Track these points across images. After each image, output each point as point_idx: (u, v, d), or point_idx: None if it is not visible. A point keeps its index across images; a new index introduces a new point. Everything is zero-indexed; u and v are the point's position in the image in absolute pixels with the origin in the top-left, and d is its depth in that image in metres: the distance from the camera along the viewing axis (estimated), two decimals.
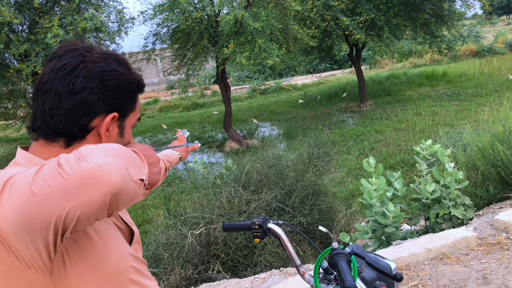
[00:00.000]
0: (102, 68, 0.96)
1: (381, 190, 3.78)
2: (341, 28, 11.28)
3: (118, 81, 0.98)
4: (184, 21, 9.09)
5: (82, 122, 0.95)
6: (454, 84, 14.68)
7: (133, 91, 1.03)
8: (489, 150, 4.64)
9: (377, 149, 8.92)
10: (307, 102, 15.01)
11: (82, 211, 0.74)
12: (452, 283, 2.96)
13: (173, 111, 17.73)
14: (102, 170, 0.74)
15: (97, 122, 0.97)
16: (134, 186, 0.81)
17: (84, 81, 0.93)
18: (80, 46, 0.98)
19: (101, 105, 0.96)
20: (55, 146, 0.96)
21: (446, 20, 11.95)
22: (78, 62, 0.94)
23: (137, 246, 1.12)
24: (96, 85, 0.94)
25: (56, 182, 0.72)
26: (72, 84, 0.93)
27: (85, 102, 0.94)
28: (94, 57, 0.97)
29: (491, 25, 37.45)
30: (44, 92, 0.94)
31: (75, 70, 0.93)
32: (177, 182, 8.62)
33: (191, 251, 3.95)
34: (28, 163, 0.95)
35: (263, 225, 1.51)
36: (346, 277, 1.12)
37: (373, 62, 23.04)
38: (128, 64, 1.03)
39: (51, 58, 0.97)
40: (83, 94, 0.93)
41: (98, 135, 0.98)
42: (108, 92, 0.96)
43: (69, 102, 0.93)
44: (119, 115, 1.00)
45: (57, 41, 7.40)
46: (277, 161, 4.75)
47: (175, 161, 1.72)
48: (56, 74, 0.93)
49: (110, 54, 1.00)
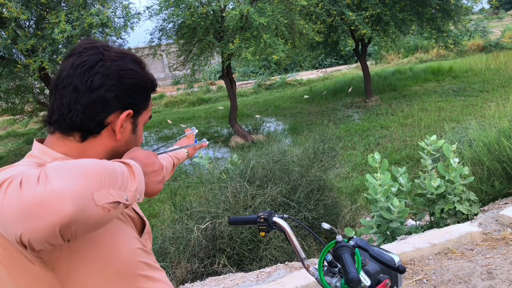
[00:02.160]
0: (119, 66, 0.99)
1: (386, 185, 3.79)
2: (347, 23, 11.24)
3: (134, 80, 1.01)
4: (189, 16, 9.10)
5: (98, 117, 0.97)
6: (460, 80, 14.59)
7: (147, 90, 1.06)
8: (495, 146, 4.63)
9: (383, 144, 8.91)
10: (312, 97, 14.99)
11: (31, 237, 0.72)
12: (457, 278, 2.98)
13: (179, 106, 17.76)
14: (54, 198, 0.71)
15: (112, 118, 1.00)
16: (99, 212, 0.76)
17: (102, 78, 0.96)
18: (99, 44, 1.01)
19: (117, 102, 0.99)
20: (71, 140, 0.99)
21: (453, 15, 11.87)
22: (97, 59, 0.97)
23: (147, 238, 1.14)
24: (113, 82, 0.97)
25: (12, 203, 0.72)
26: (90, 81, 0.95)
27: (102, 99, 0.96)
28: (112, 55, 0.99)
29: (498, 19, 37.10)
30: (62, 87, 0.96)
31: (94, 67, 0.96)
32: (183, 177, 8.66)
33: (197, 245, 3.99)
34: (43, 155, 0.97)
35: (268, 218, 1.52)
36: (350, 269, 1.14)
37: (379, 57, 22.92)
38: (143, 64, 1.06)
39: (70, 55, 0.99)
40: (100, 91, 0.96)
41: (112, 130, 1.01)
42: (124, 90, 0.99)
43: (87, 98, 0.95)
44: (133, 113, 1.03)
45: (64, 36, 7.43)
46: (282, 156, 4.76)
47: (183, 157, 1.74)
48: (75, 70, 0.96)
49: (127, 54, 1.03)
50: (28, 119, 12.39)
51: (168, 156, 1.62)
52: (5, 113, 12.00)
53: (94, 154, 1.00)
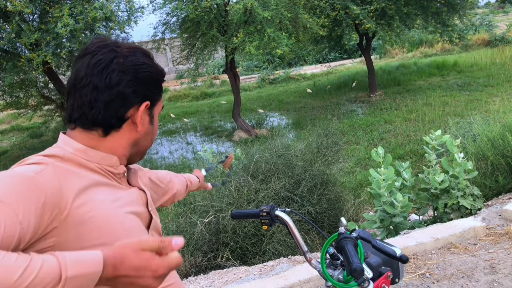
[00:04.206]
0: (133, 62, 1.03)
1: (390, 180, 3.79)
2: (351, 17, 11.18)
3: (148, 73, 1.06)
4: (193, 10, 9.07)
5: (119, 113, 1.03)
6: (465, 74, 14.50)
7: (160, 81, 1.11)
8: (499, 141, 4.61)
9: (386, 139, 8.90)
10: (316, 92, 14.96)
11: None
12: (460, 272, 2.98)
13: (182, 100, 17.76)
14: None
15: (132, 112, 1.05)
16: None
17: (119, 75, 1.01)
18: (109, 42, 1.05)
19: (136, 96, 1.04)
20: (94, 134, 1.03)
21: (458, 9, 11.78)
22: (112, 57, 1.01)
23: (153, 233, 1.15)
24: (130, 78, 1.02)
25: None
26: (109, 79, 1.00)
27: (122, 94, 1.02)
28: (125, 51, 1.04)
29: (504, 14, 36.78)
30: (81, 87, 1.00)
31: (110, 65, 1.00)
32: (186, 171, 8.66)
33: (201, 239, 4.01)
34: (66, 146, 1.02)
35: (271, 212, 1.53)
36: (353, 259, 1.15)
37: (383, 51, 22.80)
38: (152, 56, 1.11)
39: (83, 55, 1.03)
40: (119, 87, 1.01)
41: (132, 123, 1.06)
42: (141, 84, 1.04)
43: (107, 95, 1.00)
44: (150, 104, 1.08)
45: (67, 30, 7.43)
46: (285, 150, 4.76)
47: (195, 183, 1.79)
48: (93, 70, 1.00)
49: (137, 48, 1.08)
50: (32, 113, 12.42)
51: (182, 177, 1.68)
52: (9, 107, 12.02)
53: (119, 147, 1.06)
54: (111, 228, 0.96)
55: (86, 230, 0.92)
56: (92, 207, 0.93)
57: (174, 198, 1.60)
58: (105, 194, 0.99)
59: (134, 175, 1.16)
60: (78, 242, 0.90)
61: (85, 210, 0.92)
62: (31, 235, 0.82)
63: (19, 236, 0.78)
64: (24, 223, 0.79)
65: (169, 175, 1.58)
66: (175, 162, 9.59)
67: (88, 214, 0.92)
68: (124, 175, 1.10)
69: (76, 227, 0.90)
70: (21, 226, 0.79)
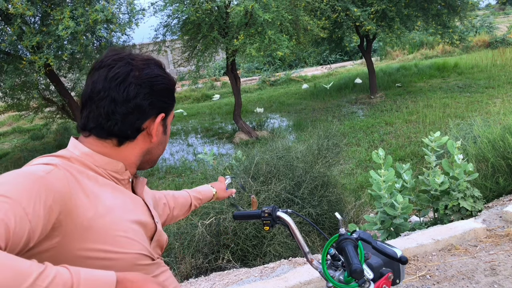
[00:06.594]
0: (149, 74, 1.06)
1: (390, 182, 3.80)
2: (352, 19, 11.20)
3: (164, 86, 1.09)
4: (194, 12, 9.10)
5: (135, 125, 1.06)
6: (466, 76, 14.51)
7: (173, 91, 1.14)
8: (500, 142, 4.62)
9: (387, 141, 8.90)
10: (316, 94, 14.97)
11: None
12: (460, 274, 2.98)
13: (183, 102, 17.78)
14: None
15: (148, 124, 1.08)
16: None
17: (137, 88, 1.04)
18: (124, 54, 1.07)
19: (152, 108, 1.07)
20: (108, 142, 1.06)
21: (459, 11, 11.79)
22: (128, 70, 1.04)
23: (155, 246, 1.13)
24: (147, 91, 1.05)
25: None
26: (126, 92, 1.03)
27: (139, 107, 1.05)
28: (139, 64, 1.06)
29: (505, 15, 36.77)
30: (99, 99, 1.03)
31: (127, 79, 1.03)
32: (187, 173, 8.69)
33: (202, 240, 4.02)
34: (73, 149, 1.04)
35: (273, 213, 1.55)
36: (353, 260, 1.16)
37: (383, 53, 22.81)
38: (164, 66, 1.14)
39: (98, 67, 1.05)
40: (137, 100, 1.04)
41: (147, 134, 1.09)
42: (157, 96, 1.07)
43: (125, 108, 1.03)
44: (165, 115, 1.11)
45: (68, 33, 7.44)
46: (286, 152, 4.77)
47: (208, 197, 1.71)
48: (111, 83, 1.03)
49: (150, 60, 1.10)
50: (33, 115, 12.43)
51: (187, 194, 1.62)
52: (10, 109, 12.04)
53: (131, 156, 1.09)
54: (115, 235, 0.96)
55: (91, 233, 0.92)
56: (99, 210, 0.95)
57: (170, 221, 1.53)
58: (111, 198, 1.00)
59: (141, 185, 1.17)
60: (81, 243, 0.91)
61: (92, 213, 0.93)
62: (39, 233, 0.83)
63: (28, 233, 0.80)
64: (33, 222, 0.81)
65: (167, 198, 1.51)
66: (176, 163, 9.60)
67: (95, 216, 0.93)
68: (129, 182, 1.11)
69: (81, 229, 0.91)
70: (31, 225, 0.80)
